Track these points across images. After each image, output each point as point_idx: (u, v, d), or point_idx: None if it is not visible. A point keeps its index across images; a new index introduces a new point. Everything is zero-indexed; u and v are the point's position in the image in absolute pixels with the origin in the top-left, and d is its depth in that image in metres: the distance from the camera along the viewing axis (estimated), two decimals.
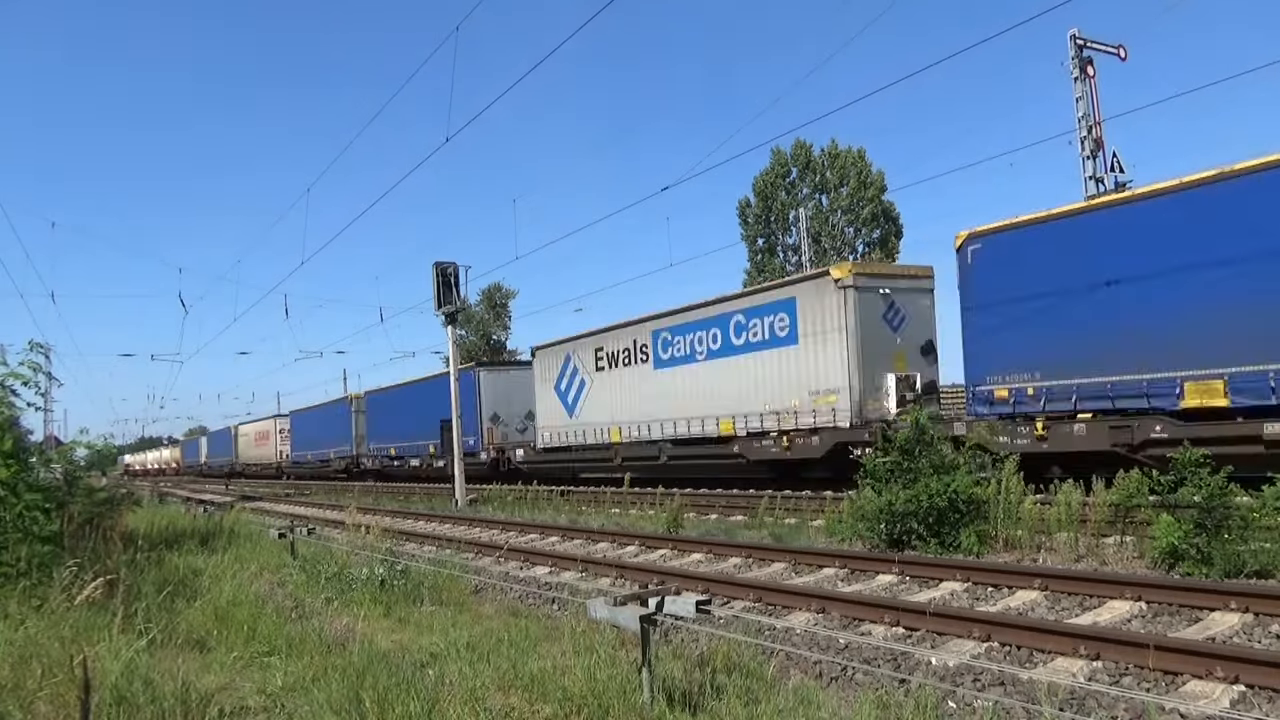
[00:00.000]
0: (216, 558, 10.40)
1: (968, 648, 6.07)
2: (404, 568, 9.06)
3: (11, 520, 7.80)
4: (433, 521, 18.81)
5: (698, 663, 5.33)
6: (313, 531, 12.13)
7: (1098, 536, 9.64)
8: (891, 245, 49.02)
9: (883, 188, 47.65)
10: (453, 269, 23.48)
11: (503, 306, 66.85)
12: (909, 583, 8.56)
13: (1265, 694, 4.77)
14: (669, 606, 4.73)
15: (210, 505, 24.98)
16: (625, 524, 15.41)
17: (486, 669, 5.20)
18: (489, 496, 23.41)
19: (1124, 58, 20.40)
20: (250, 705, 4.83)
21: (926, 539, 10.04)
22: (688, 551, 11.48)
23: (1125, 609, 6.85)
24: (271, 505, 27.65)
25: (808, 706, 4.54)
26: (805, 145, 49.43)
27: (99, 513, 10.32)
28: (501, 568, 11.46)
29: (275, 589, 8.92)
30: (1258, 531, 8.02)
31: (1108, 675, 5.30)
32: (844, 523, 11.20)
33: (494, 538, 14.77)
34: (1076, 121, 19.84)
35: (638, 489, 19.63)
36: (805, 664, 5.98)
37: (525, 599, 9.07)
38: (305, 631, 6.47)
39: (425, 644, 6.20)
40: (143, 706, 4.43)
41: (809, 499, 15.72)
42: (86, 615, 6.05)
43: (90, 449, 11.17)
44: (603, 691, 4.58)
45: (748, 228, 51.08)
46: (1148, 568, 8.51)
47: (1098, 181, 19.55)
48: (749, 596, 8.17)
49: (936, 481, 10.05)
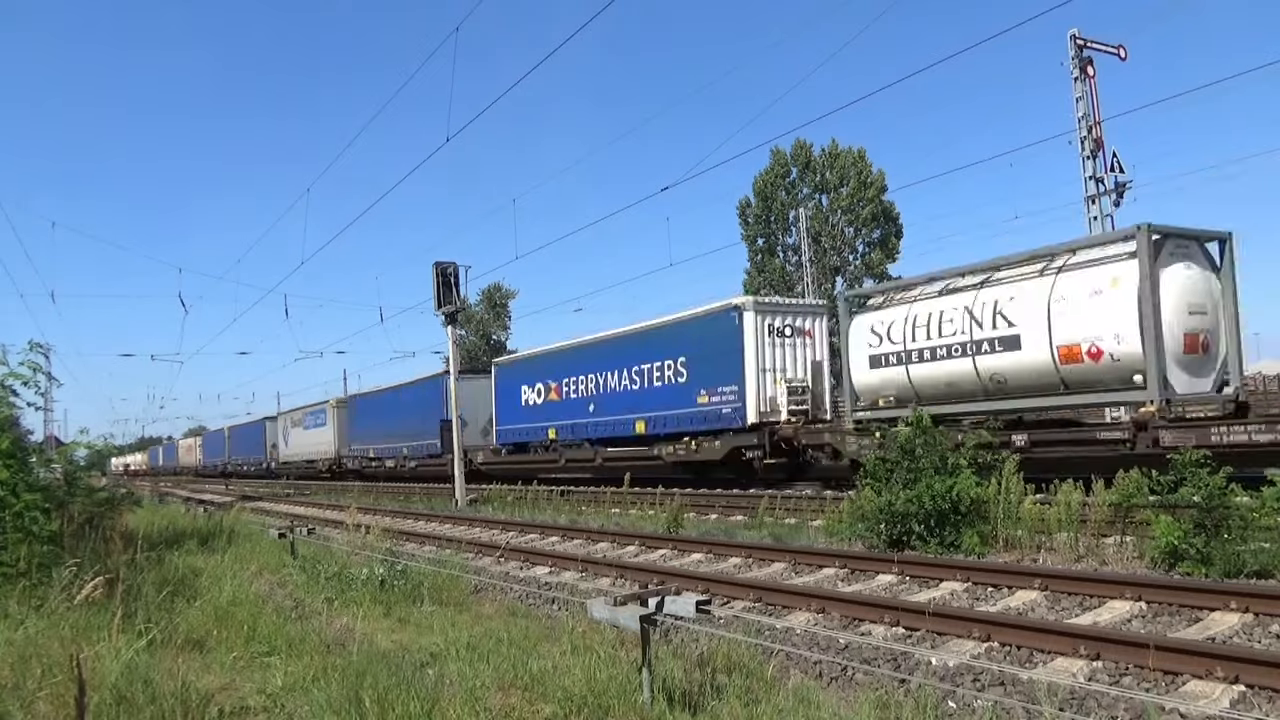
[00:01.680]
0: (216, 558, 10.41)
1: (968, 648, 6.07)
2: (404, 568, 9.07)
3: (11, 520, 7.79)
4: (433, 521, 18.81)
5: (698, 663, 5.33)
6: (313, 531, 12.13)
7: (1098, 536, 9.63)
8: (891, 245, 49.04)
9: (883, 188, 47.67)
10: (453, 269, 23.45)
11: (503, 306, 66.99)
12: (909, 583, 8.56)
13: (1265, 694, 4.77)
14: (669, 606, 4.73)
15: (210, 505, 24.99)
16: (625, 524, 15.41)
17: (486, 669, 5.20)
18: (489, 496, 23.41)
19: (1124, 58, 20.40)
20: (250, 705, 4.83)
21: (926, 539, 10.03)
22: (688, 551, 11.48)
23: (1125, 609, 6.85)
24: (272, 505, 27.64)
25: (808, 706, 4.54)
26: (805, 145, 49.45)
27: (99, 512, 10.32)
28: (501, 568, 11.46)
29: (275, 589, 8.92)
30: (1257, 531, 8.02)
31: (1108, 675, 5.30)
32: (844, 523, 11.20)
33: (494, 538, 14.77)
34: (1076, 121, 19.83)
35: (637, 489, 19.68)
36: (805, 664, 5.98)
37: (525, 599, 9.07)
38: (305, 631, 6.47)
39: (425, 644, 6.21)
40: (142, 706, 4.43)
41: (809, 499, 15.73)
42: (86, 615, 6.05)
43: (90, 449, 11.18)
44: (603, 691, 4.59)
45: (748, 228, 51.11)
46: (1147, 568, 8.50)
47: (1098, 181, 19.55)
48: (749, 596, 8.17)
49: (939, 482, 10.04)
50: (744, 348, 19.52)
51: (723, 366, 20.10)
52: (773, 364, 19.69)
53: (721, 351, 20.14)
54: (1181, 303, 13.07)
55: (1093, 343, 13.30)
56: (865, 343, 16.92)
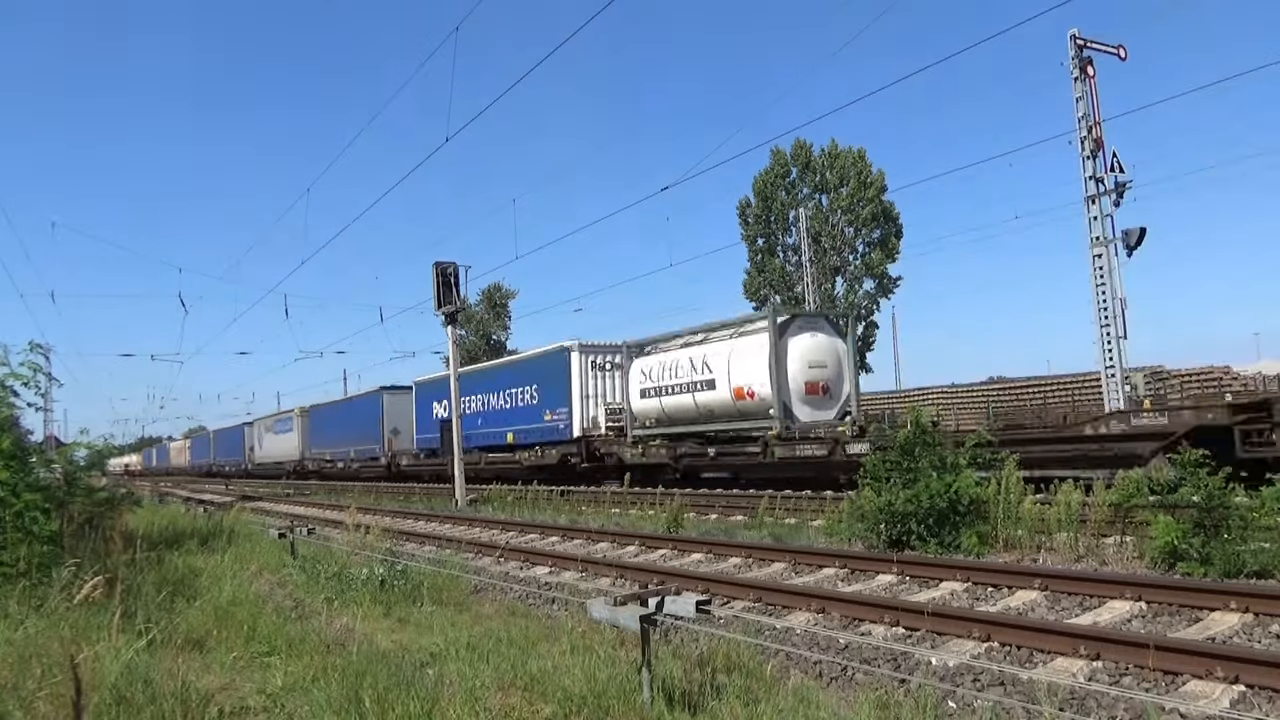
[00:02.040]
0: (216, 557, 10.40)
1: (968, 648, 6.07)
2: (404, 568, 9.06)
3: (11, 520, 7.79)
4: (432, 521, 18.80)
5: (698, 663, 5.33)
6: (313, 531, 12.13)
7: (1097, 536, 9.64)
8: (891, 245, 48.96)
9: (883, 188, 47.59)
10: (453, 269, 23.44)
11: (503, 306, 66.90)
12: (909, 583, 8.56)
13: (1265, 694, 4.77)
14: (669, 606, 4.73)
15: (210, 505, 24.98)
16: (625, 524, 15.40)
17: (486, 669, 5.20)
18: (489, 497, 23.41)
19: (1124, 58, 20.35)
20: (250, 705, 4.83)
21: (926, 539, 10.03)
22: (688, 551, 11.48)
23: (1125, 609, 6.85)
24: (272, 505, 27.63)
25: (807, 706, 4.54)
26: (805, 145, 49.38)
27: (99, 512, 10.32)
28: (501, 568, 11.46)
29: (275, 589, 8.92)
30: (1257, 531, 8.02)
31: (1108, 675, 5.30)
32: (843, 523, 11.20)
33: (494, 538, 14.77)
34: (1076, 121, 19.80)
35: (637, 489, 19.80)
36: (805, 664, 5.98)
37: (525, 599, 9.07)
38: (305, 631, 6.47)
39: (425, 644, 6.20)
40: (142, 706, 4.43)
41: (809, 499, 15.74)
42: (86, 615, 6.04)
43: (90, 449, 11.17)
44: (602, 691, 4.59)
45: (748, 228, 51.04)
46: (1147, 568, 8.51)
47: (1098, 181, 19.52)
48: (749, 596, 8.17)
49: (938, 482, 10.04)
50: (571, 379, 25.48)
51: (559, 393, 25.99)
52: (594, 391, 25.59)
53: (558, 382, 26.01)
54: (804, 361, 19.42)
55: (750, 387, 19.81)
56: (639, 380, 23.34)
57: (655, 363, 22.87)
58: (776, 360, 18.97)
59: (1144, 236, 19.01)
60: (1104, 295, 19.28)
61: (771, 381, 18.99)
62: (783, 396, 19.03)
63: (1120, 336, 19.10)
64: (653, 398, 22.73)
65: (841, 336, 20.47)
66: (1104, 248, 19.37)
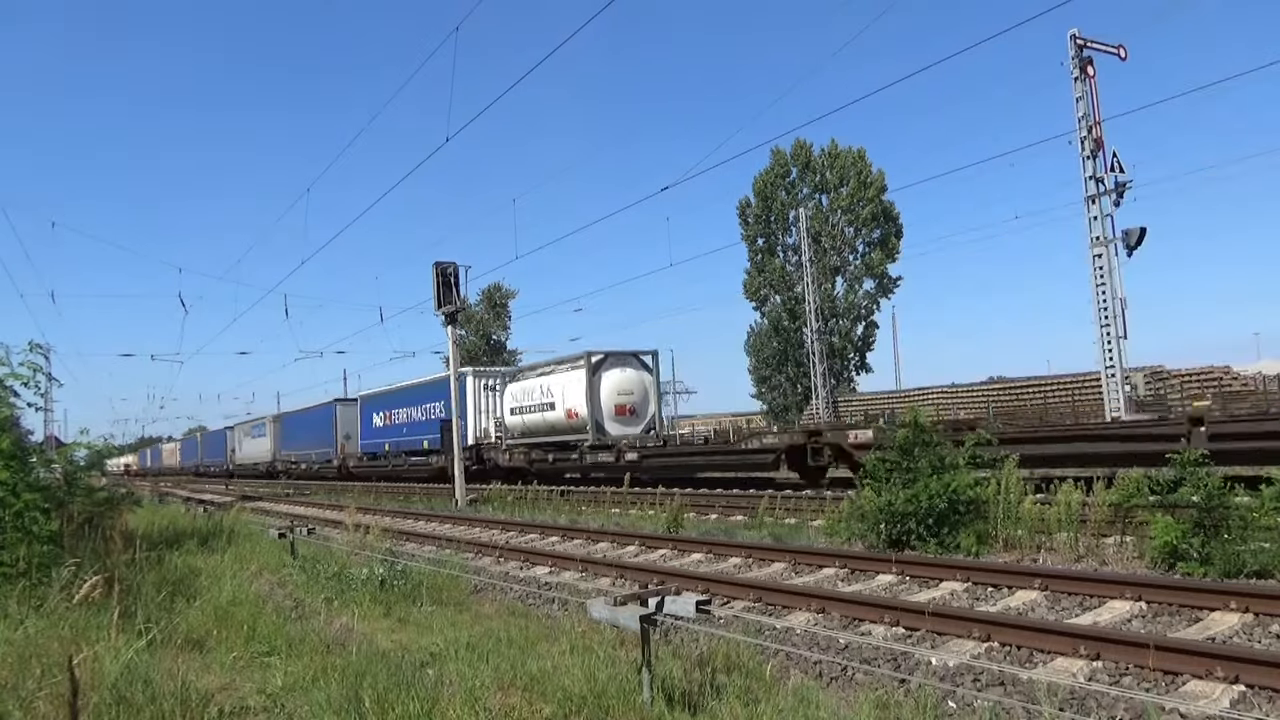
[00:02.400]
0: (216, 557, 10.40)
1: (968, 648, 6.07)
2: (404, 568, 9.06)
3: (11, 520, 7.79)
4: (432, 521, 18.80)
5: (697, 663, 5.33)
6: (312, 531, 12.13)
7: (1097, 536, 9.63)
8: (891, 245, 48.98)
9: (883, 188, 47.62)
10: (453, 269, 23.44)
11: (503, 306, 66.93)
12: (909, 583, 8.56)
13: (1265, 694, 4.77)
14: (669, 606, 4.73)
15: (210, 505, 24.98)
16: (625, 524, 15.40)
17: (486, 669, 5.19)
18: (489, 497, 23.43)
19: (1124, 58, 20.34)
20: (250, 705, 4.83)
21: (926, 539, 10.03)
22: (688, 551, 11.48)
23: (1125, 609, 6.85)
24: (272, 505, 27.63)
25: (807, 706, 4.54)
26: (805, 145, 49.42)
27: (99, 512, 10.32)
28: (501, 567, 11.46)
29: (275, 589, 8.91)
30: (1257, 531, 8.01)
31: (1108, 675, 5.30)
32: (843, 523, 11.19)
33: (494, 538, 14.77)
34: (1076, 121, 19.80)
35: (637, 489, 19.80)
36: (805, 664, 5.98)
37: (525, 599, 9.07)
38: (305, 631, 6.47)
39: (425, 644, 6.20)
40: (142, 706, 4.43)
41: (809, 499, 15.74)
42: (86, 615, 6.04)
43: (90, 449, 11.17)
44: (602, 691, 4.58)
45: (748, 228, 51.06)
46: (1147, 568, 8.50)
47: (1098, 181, 19.52)
48: (749, 596, 8.17)
49: (936, 482, 10.04)
50: (466, 398, 29.93)
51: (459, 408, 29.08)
52: (486, 407, 31.17)
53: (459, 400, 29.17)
54: (614, 390, 25.89)
55: (575, 409, 26.17)
56: (511, 400, 29.98)
57: (520, 388, 29.60)
58: (590, 389, 25.45)
59: (1144, 236, 19.02)
60: (1104, 295, 19.29)
61: (587, 405, 25.44)
62: (596, 416, 25.41)
63: (1120, 336, 19.12)
64: (518, 415, 29.42)
65: (649, 370, 26.81)
66: (1104, 248, 19.38)
